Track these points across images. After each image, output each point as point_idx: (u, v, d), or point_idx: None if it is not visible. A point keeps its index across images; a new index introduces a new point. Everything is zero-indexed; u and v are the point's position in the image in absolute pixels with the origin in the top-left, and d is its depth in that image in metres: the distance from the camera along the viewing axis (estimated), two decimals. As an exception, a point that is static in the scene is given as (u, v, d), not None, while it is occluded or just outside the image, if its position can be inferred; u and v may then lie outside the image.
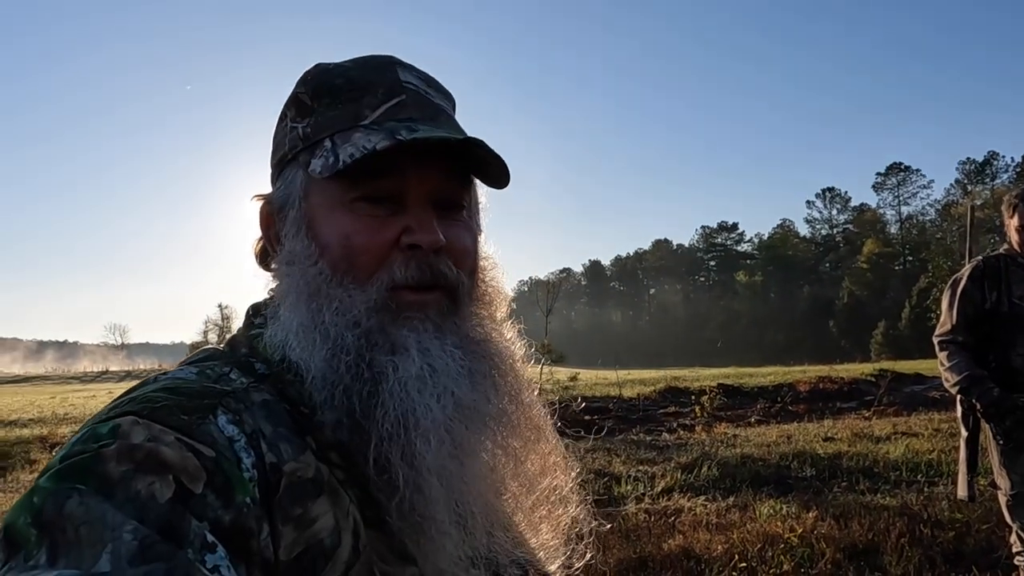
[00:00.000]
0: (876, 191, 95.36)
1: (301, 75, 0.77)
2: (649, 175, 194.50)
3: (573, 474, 0.82)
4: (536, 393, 0.81)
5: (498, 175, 0.74)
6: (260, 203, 0.78)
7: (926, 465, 6.51)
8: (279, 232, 0.75)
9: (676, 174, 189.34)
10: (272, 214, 0.76)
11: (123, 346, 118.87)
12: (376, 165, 0.68)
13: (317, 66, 0.77)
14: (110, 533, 0.47)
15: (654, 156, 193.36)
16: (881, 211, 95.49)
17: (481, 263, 0.78)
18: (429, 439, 0.64)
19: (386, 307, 0.68)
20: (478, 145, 0.69)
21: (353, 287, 0.68)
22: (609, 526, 4.60)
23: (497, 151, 0.71)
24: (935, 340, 3.27)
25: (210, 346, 0.75)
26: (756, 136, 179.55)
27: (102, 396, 23.67)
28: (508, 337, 0.80)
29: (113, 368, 72.03)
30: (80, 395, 25.82)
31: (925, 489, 5.67)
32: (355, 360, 0.66)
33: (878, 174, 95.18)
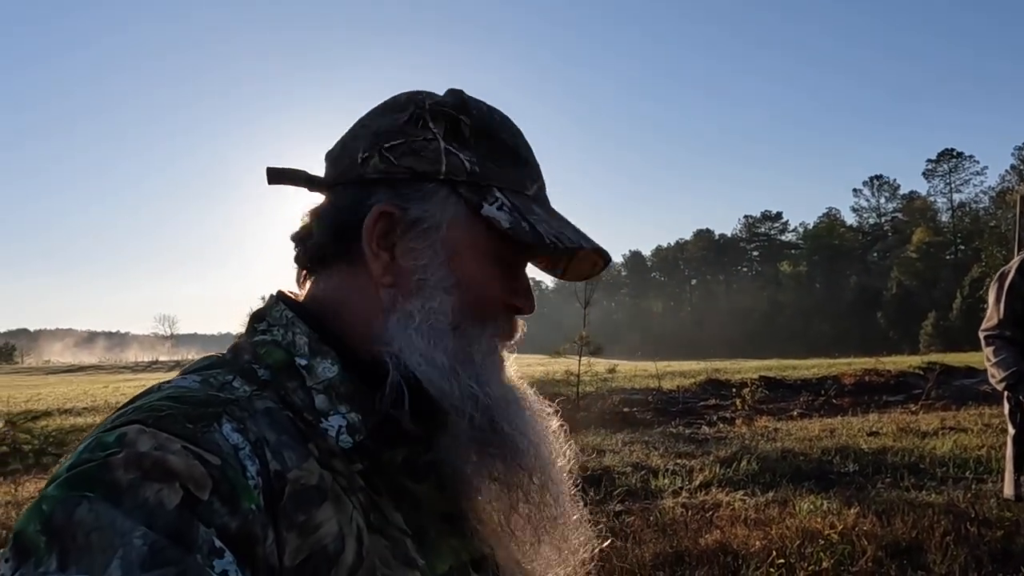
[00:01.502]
0: (927, 178, 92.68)
1: (459, 97, 0.76)
2: (690, 165, 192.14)
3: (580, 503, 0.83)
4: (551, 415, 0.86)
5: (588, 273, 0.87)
6: (383, 206, 0.72)
7: (975, 461, 6.34)
8: (393, 243, 0.73)
9: (718, 163, 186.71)
10: (397, 222, 0.73)
11: (171, 336, 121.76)
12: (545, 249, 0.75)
13: (475, 101, 0.77)
14: (120, 539, 0.48)
15: (696, 145, 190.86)
16: (932, 199, 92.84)
17: None
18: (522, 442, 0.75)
19: (495, 350, 0.76)
20: (604, 256, 0.80)
21: (477, 326, 0.75)
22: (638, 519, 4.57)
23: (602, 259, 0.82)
24: (981, 334, 3.19)
25: (212, 354, 0.76)
26: (801, 124, 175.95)
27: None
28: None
29: (162, 358, 73.95)
30: (131, 385, 26.55)
31: (973, 486, 5.52)
32: (469, 384, 0.72)
33: (929, 161, 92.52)
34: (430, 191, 0.72)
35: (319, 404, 0.68)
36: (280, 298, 0.76)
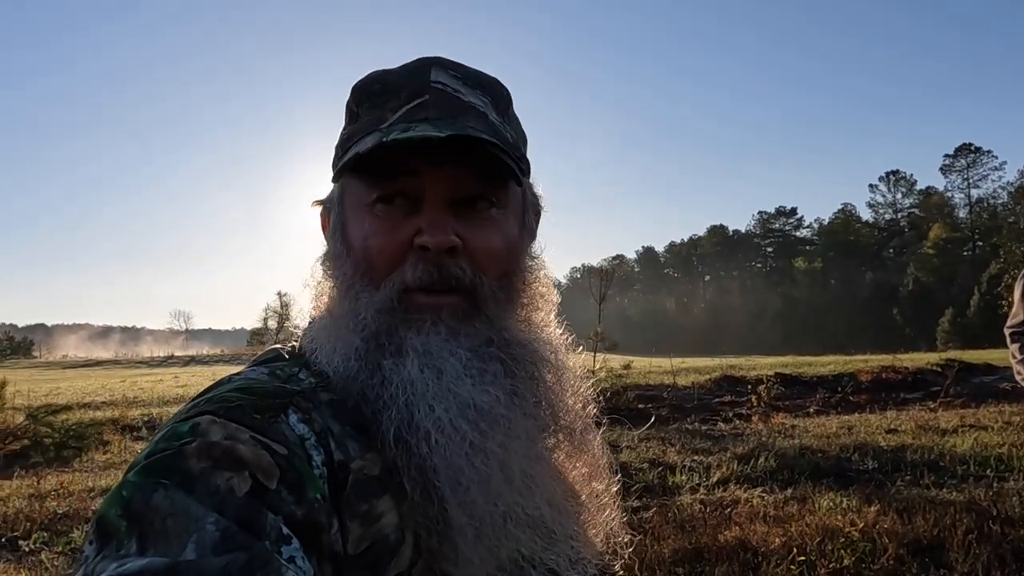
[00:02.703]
0: (944, 173, 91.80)
1: (354, 83, 0.79)
2: (704, 160, 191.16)
3: (614, 479, 0.81)
4: (583, 395, 0.79)
5: (510, 173, 0.71)
6: (319, 207, 0.82)
7: (995, 459, 6.27)
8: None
9: (732, 159, 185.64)
10: (326, 217, 0.81)
11: (185, 331, 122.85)
12: (390, 167, 0.68)
13: (368, 73, 0.78)
14: (194, 524, 0.50)
15: (710, 141, 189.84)
16: (949, 194, 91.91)
17: (522, 264, 0.77)
18: (432, 441, 0.63)
19: (394, 309, 0.68)
20: (478, 143, 0.67)
21: (368, 290, 0.70)
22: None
23: (503, 150, 0.68)
24: (1006, 331, 3.16)
25: (278, 346, 0.78)
26: (816, 119, 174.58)
27: (168, 380, 24.47)
28: (547, 340, 0.78)
29: (177, 353, 74.56)
30: (148, 379, 26.73)
31: (994, 484, 5.47)
32: (365, 364, 0.67)
33: (946, 156, 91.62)
34: (334, 178, 0.78)
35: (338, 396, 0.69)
36: None
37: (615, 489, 0.81)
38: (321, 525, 0.57)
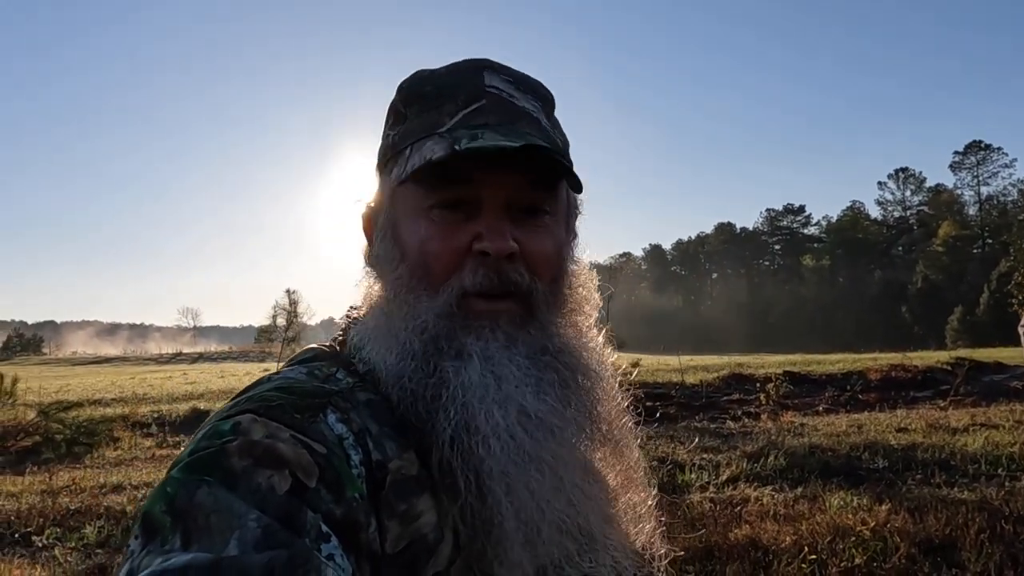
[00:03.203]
0: (953, 171, 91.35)
1: (400, 83, 0.79)
2: (712, 158, 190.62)
3: (652, 491, 0.82)
4: (622, 404, 0.80)
5: (573, 181, 0.73)
6: (364, 208, 0.82)
7: (1007, 458, 6.23)
8: (374, 236, 0.78)
9: (740, 157, 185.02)
10: (371, 219, 0.80)
11: (194, 328, 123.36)
12: (448, 173, 0.69)
13: (415, 73, 0.78)
14: (236, 521, 0.51)
15: (717, 138, 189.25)
16: (959, 191, 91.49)
17: (569, 268, 0.78)
18: (489, 444, 0.64)
19: (454, 314, 0.69)
20: (540, 150, 0.68)
21: (426, 294, 0.70)
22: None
23: (561, 156, 0.70)
24: (1020, 330, 3.15)
25: (315, 345, 0.79)
26: (825, 117, 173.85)
27: (177, 377, 24.62)
28: (594, 345, 0.79)
29: (186, 350, 74.94)
30: (157, 376, 26.90)
31: (1006, 483, 5.44)
32: (421, 364, 0.67)
33: (956, 153, 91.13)
34: (381, 180, 0.78)
35: (392, 399, 0.69)
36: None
37: (652, 501, 0.81)
38: (359, 524, 0.58)
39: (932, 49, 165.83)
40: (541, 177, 0.72)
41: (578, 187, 0.73)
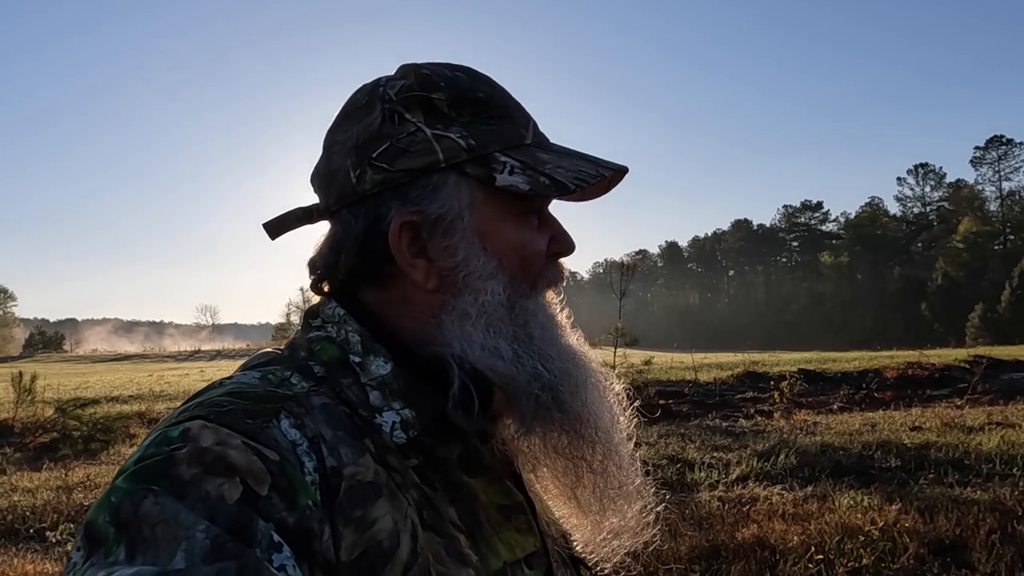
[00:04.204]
0: (974, 166, 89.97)
1: (423, 77, 0.72)
2: (729, 154, 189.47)
3: (647, 503, 0.82)
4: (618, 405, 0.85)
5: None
6: (401, 216, 0.70)
7: (1023, 458, 6.16)
8: (424, 247, 0.71)
9: (757, 153, 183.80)
10: (421, 227, 0.71)
11: (211, 326, 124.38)
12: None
13: (435, 70, 0.73)
14: (184, 532, 0.49)
15: (734, 134, 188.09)
16: (980, 187, 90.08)
17: None
18: (588, 407, 0.75)
19: (551, 317, 0.78)
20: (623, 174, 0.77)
21: (527, 292, 0.75)
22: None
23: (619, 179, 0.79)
24: None
25: (269, 349, 0.76)
26: (843, 113, 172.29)
27: (194, 374, 24.87)
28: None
29: (204, 347, 75.60)
30: (174, 373, 27.19)
31: (1021, 483, 5.38)
32: (533, 364, 0.72)
33: (977, 148, 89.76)
34: (439, 184, 0.70)
35: (373, 400, 0.68)
36: (333, 295, 0.76)
37: (646, 511, 0.82)
38: (313, 532, 0.56)
39: (953, 43, 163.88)
40: None
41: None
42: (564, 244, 0.78)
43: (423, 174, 0.70)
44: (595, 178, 0.72)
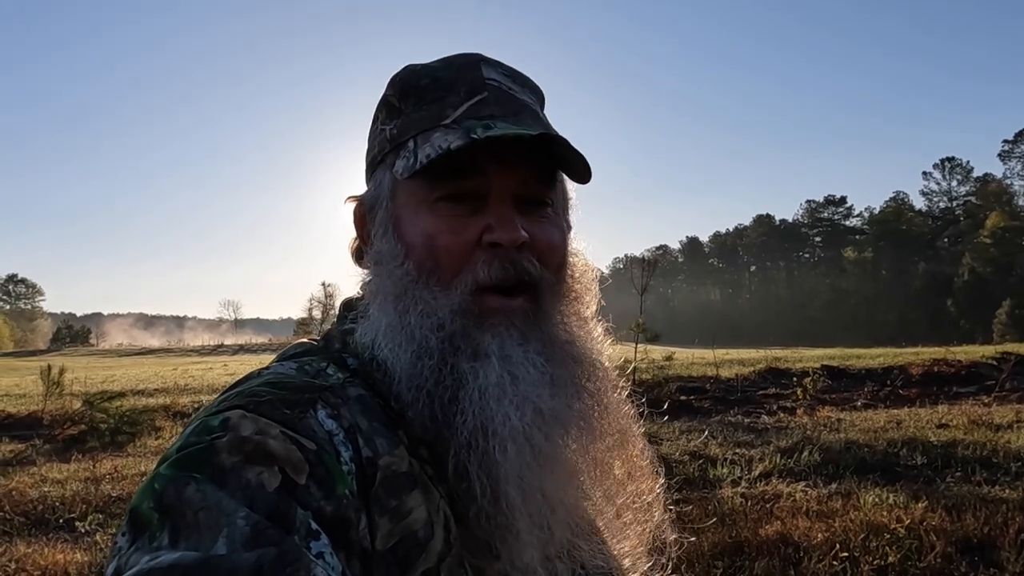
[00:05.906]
0: (1003, 160, 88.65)
1: (391, 77, 0.79)
2: (751, 149, 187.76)
3: (659, 479, 0.82)
4: (623, 393, 0.80)
5: (581, 171, 0.73)
6: (354, 204, 0.81)
7: (1052, 456, 6.05)
8: (370, 232, 0.77)
9: (780, 148, 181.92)
10: (364, 214, 0.79)
11: (234, 320, 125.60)
12: (456, 164, 0.68)
13: (406, 68, 0.79)
14: (225, 518, 0.51)
15: (757, 129, 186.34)
16: (1008, 181, 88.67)
17: (569, 259, 0.79)
18: (506, 448, 0.64)
19: (470, 311, 0.69)
20: (555, 141, 0.69)
21: (438, 289, 0.69)
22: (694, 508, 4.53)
23: (576, 147, 0.70)
24: None
25: (304, 340, 0.78)
26: (867, 107, 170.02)
27: (218, 368, 25.12)
28: (595, 336, 0.80)
29: (227, 342, 76.36)
30: (198, 367, 27.47)
31: (1050, 482, 5.29)
32: (438, 364, 0.67)
33: (1005, 141, 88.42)
34: (376, 175, 0.77)
35: (403, 397, 0.69)
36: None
37: (659, 489, 0.82)
38: (349, 521, 0.57)
39: (980, 36, 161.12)
40: (546, 169, 0.73)
41: (587, 177, 0.74)
42: (497, 232, 0.69)
43: (374, 167, 0.78)
44: (442, 152, 0.66)
